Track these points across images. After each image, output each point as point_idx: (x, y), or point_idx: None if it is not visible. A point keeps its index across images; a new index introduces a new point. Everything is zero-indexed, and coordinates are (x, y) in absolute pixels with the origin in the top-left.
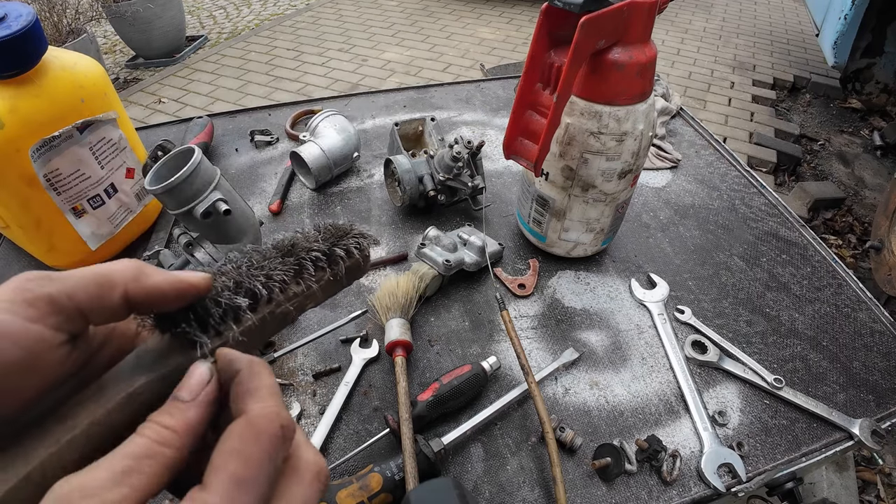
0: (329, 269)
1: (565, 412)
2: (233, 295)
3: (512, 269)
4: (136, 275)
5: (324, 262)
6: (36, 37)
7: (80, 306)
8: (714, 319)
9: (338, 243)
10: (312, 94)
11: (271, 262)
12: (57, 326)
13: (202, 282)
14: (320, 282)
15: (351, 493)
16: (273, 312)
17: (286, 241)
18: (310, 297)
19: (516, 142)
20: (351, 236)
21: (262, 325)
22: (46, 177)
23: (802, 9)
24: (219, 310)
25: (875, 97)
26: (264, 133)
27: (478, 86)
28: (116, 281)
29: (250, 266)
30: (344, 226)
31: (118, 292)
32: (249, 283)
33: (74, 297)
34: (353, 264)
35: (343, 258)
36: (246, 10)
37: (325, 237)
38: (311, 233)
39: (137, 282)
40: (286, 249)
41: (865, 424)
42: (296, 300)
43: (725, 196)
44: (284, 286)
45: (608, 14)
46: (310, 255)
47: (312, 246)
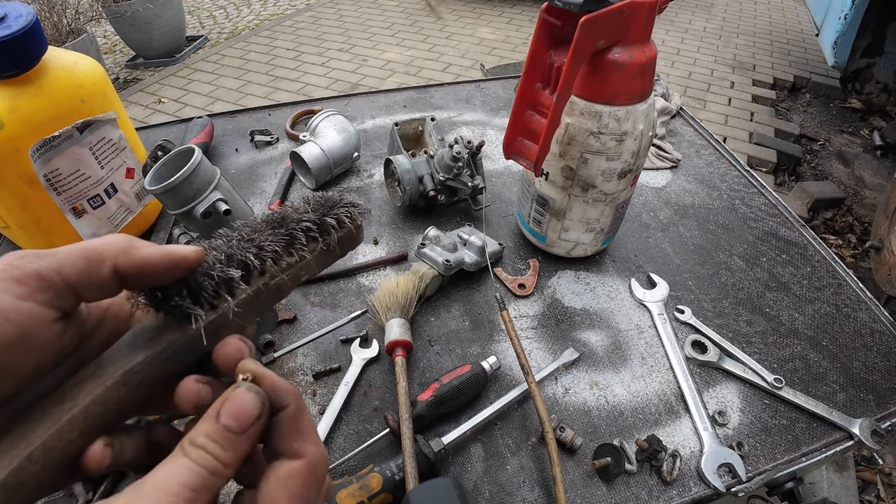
0: (321, 239)
1: (565, 412)
2: (225, 267)
3: (512, 269)
4: (126, 248)
5: (315, 232)
6: (36, 37)
7: (69, 281)
8: (714, 319)
9: (328, 213)
10: (312, 94)
11: (262, 235)
12: (48, 303)
13: (193, 254)
14: (313, 252)
15: (351, 493)
16: (267, 284)
17: (276, 214)
18: (304, 267)
19: (516, 141)
20: (341, 206)
21: (257, 298)
22: (46, 177)
23: (802, 9)
24: (211, 282)
25: (875, 97)
26: (264, 133)
27: (478, 86)
28: (106, 255)
29: (241, 239)
30: (333, 196)
31: (108, 266)
32: (241, 255)
33: (63, 272)
34: (346, 234)
35: (335, 227)
36: (246, 10)
37: (315, 208)
38: (301, 205)
39: (127, 255)
40: (276, 222)
41: (865, 424)
42: (290, 271)
43: (725, 196)
44: (277, 257)
45: (608, 14)
46: (300, 225)
47: (303, 217)
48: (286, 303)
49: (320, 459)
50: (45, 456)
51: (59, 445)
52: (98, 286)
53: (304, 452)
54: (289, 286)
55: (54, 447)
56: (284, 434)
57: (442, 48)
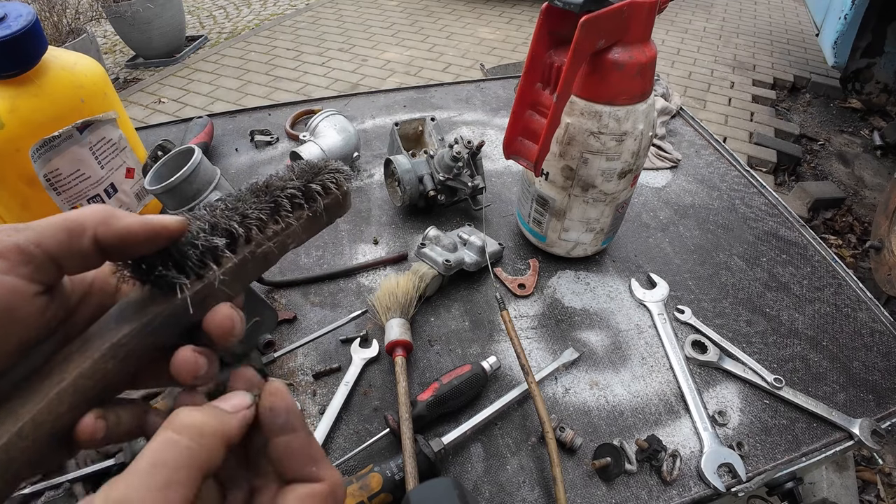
0: (307, 206)
1: (565, 412)
2: (209, 236)
3: (512, 269)
4: (106, 218)
5: (300, 198)
6: (36, 37)
7: (50, 253)
8: (714, 319)
9: (313, 180)
10: (312, 93)
11: (246, 203)
12: (29, 276)
13: (175, 223)
14: (300, 219)
15: (351, 493)
16: (254, 252)
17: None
18: (290, 235)
19: (516, 141)
20: (326, 172)
21: (244, 266)
22: (46, 177)
23: (802, 9)
24: (196, 251)
25: (875, 97)
26: (264, 133)
27: (478, 86)
28: (86, 225)
29: (225, 209)
30: (318, 163)
31: (88, 236)
32: (225, 223)
33: (43, 244)
34: (333, 201)
35: (320, 193)
36: (246, 9)
37: (300, 175)
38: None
39: (107, 225)
40: (260, 190)
41: (865, 424)
42: (276, 238)
43: (725, 196)
44: (262, 225)
45: (608, 14)
46: (285, 192)
47: (287, 184)
48: (286, 303)
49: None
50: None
51: (48, 419)
52: (79, 257)
53: (323, 476)
54: (276, 254)
55: (44, 421)
56: (298, 459)
57: (442, 48)
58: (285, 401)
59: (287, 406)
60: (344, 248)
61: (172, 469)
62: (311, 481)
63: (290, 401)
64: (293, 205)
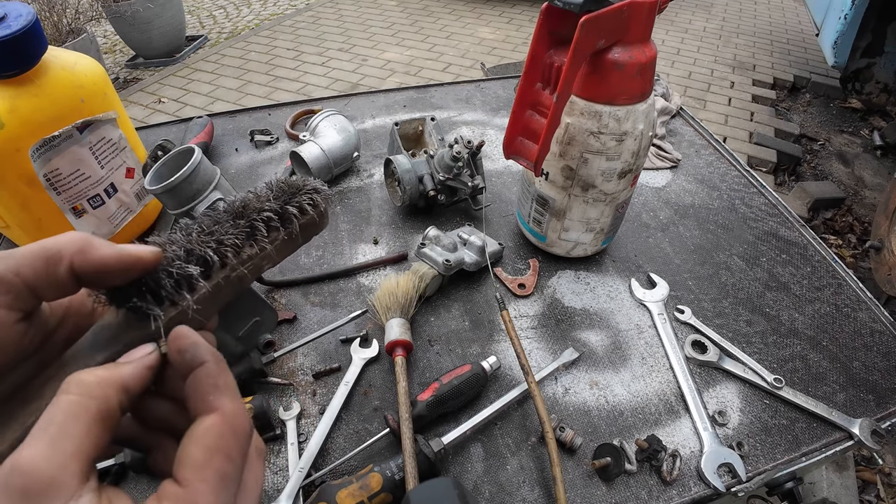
0: (283, 229)
1: (565, 412)
2: (184, 264)
3: (512, 269)
4: (82, 247)
5: (276, 221)
6: (36, 37)
7: (28, 282)
8: (714, 319)
9: (290, 201)
10: (312, 93)
11: (222, 227)
12: (8, 305)
13: (149, 255)
14: (274, 242)
15: (351, 493)
16: (228, 277)
17: (237, 202)
18: (265, 258)
19: (516, 141)
20: (304, 192)
21: (217, 292)
22: (46, 177)
23: (802, 9)
24: (171, 280)
25: (875, 97)
26: (264, 133)
27: (478, 85)
28: (63, 254)
29: (200, 232)
30: (297, 181)
31: (64, 266)
32: (200, 249)
33: (21, 273)
34: (308, 221)
35: (296, 216)
36: (246, 9)
37: (277, 195)
38: (263, 191)
39: (83, 255)
40: (237, 212)
41: (865, 424)
42: (250, 263)
43: (725, 196)
44: (237, 250)
45: (608, 14)
46: (261, 215)
47: (264, 206)
48: (286, 303)
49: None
50: None
51: None
52: (56, 286)
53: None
54: (249, 278)
55: None
56: (201, 390)
57: (442, 48)
58: (190, 338)
59: (193, 342)
60: (344, 248)
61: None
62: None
63: (195, 337)
64: (269, 228)
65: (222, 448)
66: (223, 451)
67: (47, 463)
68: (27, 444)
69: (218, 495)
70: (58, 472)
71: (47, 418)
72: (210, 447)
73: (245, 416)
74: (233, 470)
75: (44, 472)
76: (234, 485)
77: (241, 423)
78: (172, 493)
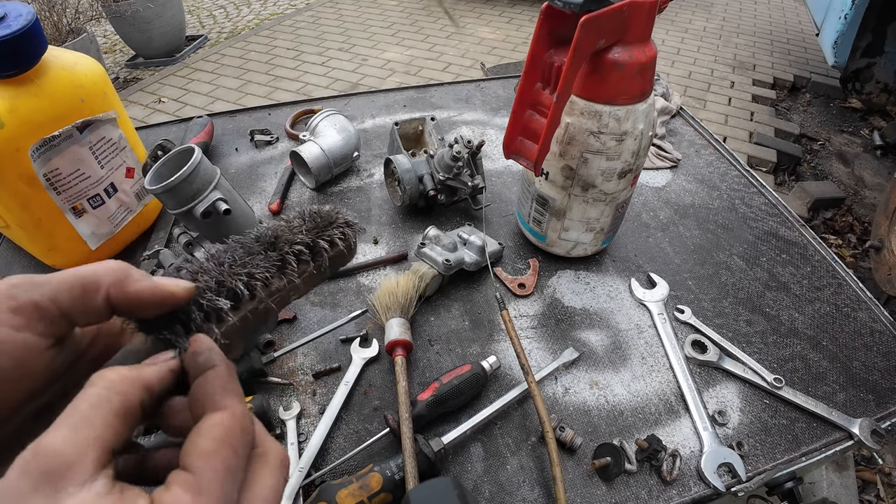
0: (312, 263)
1: (565, 412)
2: (214, 297)
3: (512, 269)
4: (120, 279)
5: (307, 255)
6: (36, 36)
7: (64, 310)
8: (714, 319)
9: (322, 234)
10: (312, 93)
11: (254, 259)
12: (43, 332)
13: (183, 292)
14: (303, 275)
15: (351, 493)
16: (256, 309)
17: (269, 232)
18: (292, 290)
19: (516, 141)
20: (336, 226)
21: (244, 324)
22: (46, 176)
23: (802, 9)
24: (201, 313)
25: (875, 97)
26: (264, 133)
27: (478, 85)
28: (101, 284)
29: (233, 263)
30: (329, 213)
31: (101, 296)
32: (231, 282)
33: (58, 301)
34: (337, 254)
35: (327, 250)
36: (246, 9)
37: (310, 227)
38: (296, 221)
39: (120, 286)
40: (269, 242)
41: (865, 424)
42: (278, 295)
43: (725, 196)
44: (267, 283)
45: (608, 14)
46: (293, 248)
47: (296, 239)
48: None
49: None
50: None
51: None
52: (91, 314)
53: (227, 405)
54: (276, 310)
55: None
56: (212, 390)
57: (442, 48)
58: (205, 343)
59: (208, 346)
60: None
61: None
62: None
63: (209, 342)
64: (299, 261)
65: (229, 442)
66: (231, 445)
67: (67, 446)
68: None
69: (223, 484)
70: (76, 456)
71: (72, 408)
72: (218, 439)
73: (250, 420)
74: (238, 464)
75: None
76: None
77: (247, 424)
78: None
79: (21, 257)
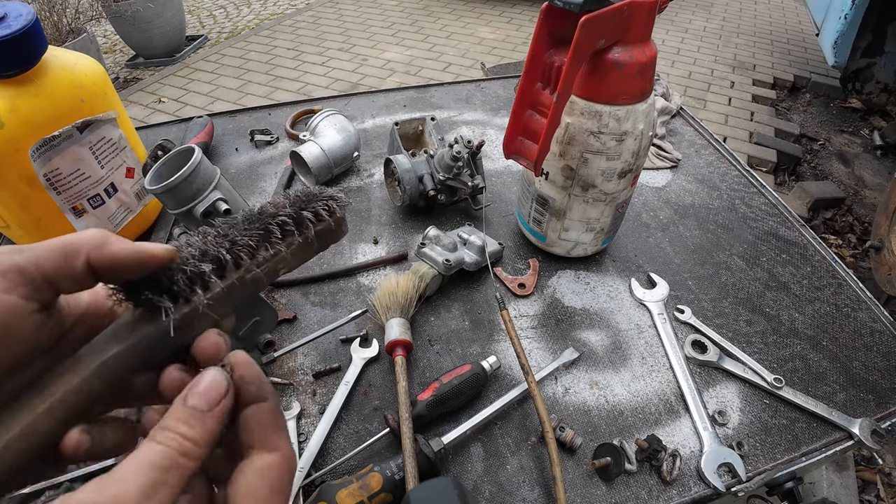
0: (297, 233)
1: (565, 412)
2: (198, 262)
3: (512, 269)
4: (99, 243)
5: (291, 225)
6: (36, 36)
7: (47, 275)
8: (714, 319)
9: (306, 207)
10: (312, 93)
11: (237, 230)
12: (28, 296)
13: (163, 252)
14: (290, 246)
15: (351, 493)
16: (242, 278)
17: (254, 209)
18: (280, 261)
19: (516, 141)
20: (319, 199)
21: (231, 291)
22: (46, 176)
23: (802, 9)
24: (184, 276)
25: (875, 97)
26: (264, 133)
27: (478, 85)
28: (80, 249)
29: (217, 235)
30: (313, 190)
31: (81, 259)
32: (214, 250)
33: (42, 266)
34: (325, 227)
35: (311, 221)
36: (246, 9)
37: (294, 202)
38: (281, 200)
39: (99, 250)
40: (253, 217)
41: (865, 424)
42: (265, 265)
43: (725, 196)
44: (252, 251)
45: (608, 14)
46: (276, 220)
47: (279, 212)
48: (286, 302)
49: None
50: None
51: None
52: (73, 279)
53: (280, 447)
54: (264, 280)
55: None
56: (263, 426)
57: (442, 48)
58: (254, 370)
59: (258, 375)
60: (344, 247)
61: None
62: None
63: (258, 370)
64: (284, 232)
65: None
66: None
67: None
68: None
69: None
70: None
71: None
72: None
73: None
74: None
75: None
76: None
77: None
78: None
79: None
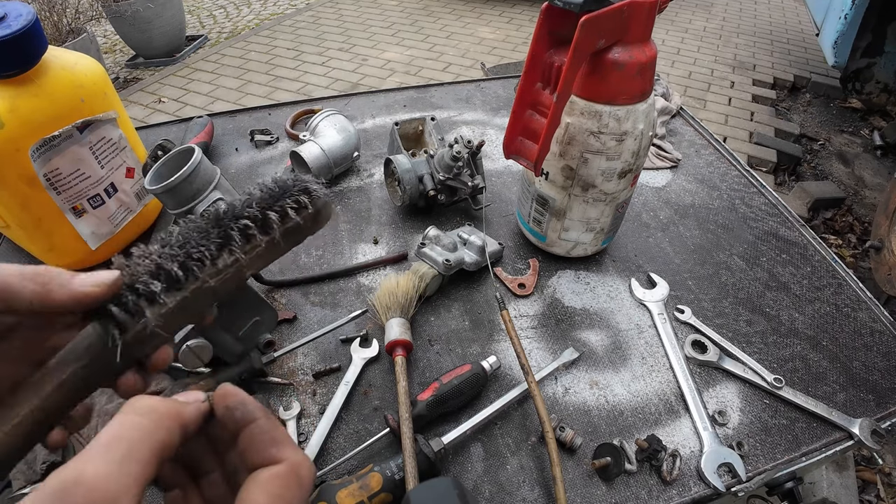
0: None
1: (565, 412)
2: (149, 280)
3: (512, 269)
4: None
5: (254, 229)
6: (36, 36)
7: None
8: (714, 319)
9: (273, 205)
10: (312, 93)
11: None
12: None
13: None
14: (252, 251)
15: (351, 493)
16: (197, 289)
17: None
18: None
19: (516, 141)
20: (290, 194)
21: (184, 305)
22: (46, 176)
23: (802, 8)
24: (134, 297)
25: (875, 97)
26: (264, 132)
27: (478, 85)
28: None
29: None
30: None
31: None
32: (167, 265)
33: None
34: (292, 226)
35: (276, 223)
36: (246, 9)
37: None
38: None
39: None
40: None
41: (865, 424)
42: (223, 274)
43: (725, 196)
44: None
45: (608, 14)
46: (238, 223)
47: (243, 213)
48: (286, 302)
49: (303, 463)
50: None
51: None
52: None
53: (283, 457)
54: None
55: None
56: (259, 444)
57: (442, 48)
58: (237, 397)
59: (241, 400)
60: (344, 247)
61: (130, 443)
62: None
63: (242, 395)
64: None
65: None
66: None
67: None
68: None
69: None
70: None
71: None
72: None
73: (310, 468)
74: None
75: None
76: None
77: (305, 472)
78: None
79: (21, 257)
